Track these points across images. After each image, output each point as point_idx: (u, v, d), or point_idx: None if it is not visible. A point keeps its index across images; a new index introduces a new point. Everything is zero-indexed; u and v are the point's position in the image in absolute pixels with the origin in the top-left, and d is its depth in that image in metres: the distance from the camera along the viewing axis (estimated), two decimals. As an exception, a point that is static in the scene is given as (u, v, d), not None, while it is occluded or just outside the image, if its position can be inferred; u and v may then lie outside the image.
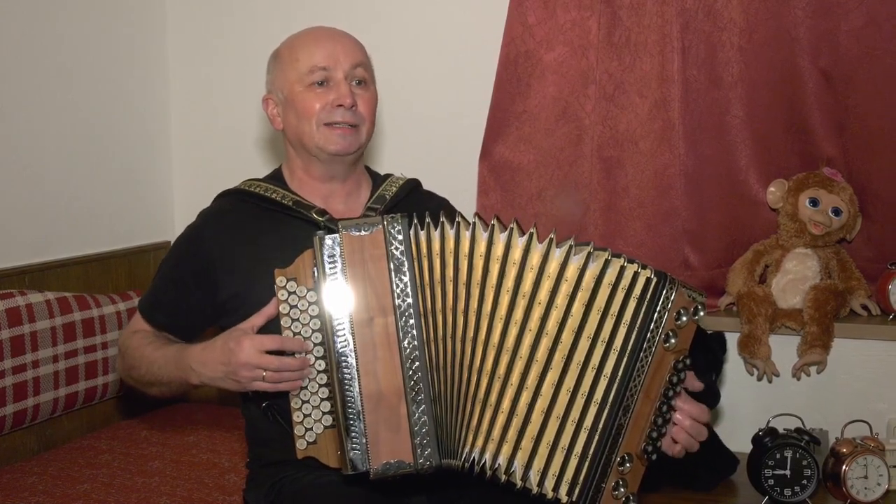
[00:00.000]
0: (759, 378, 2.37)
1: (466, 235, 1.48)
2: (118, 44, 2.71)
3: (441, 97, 2.64)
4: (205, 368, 1.55)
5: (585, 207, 2.44)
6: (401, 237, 1.47)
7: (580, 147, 2.44)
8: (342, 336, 1.45)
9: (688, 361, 1.48)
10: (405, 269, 1.46)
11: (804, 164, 2.36)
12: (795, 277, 2.32)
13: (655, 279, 1.44)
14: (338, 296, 1.46)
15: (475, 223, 1.49)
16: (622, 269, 1.45)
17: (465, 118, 2.59)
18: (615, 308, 1.44)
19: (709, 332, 2.23)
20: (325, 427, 1.49)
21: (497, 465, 1.46)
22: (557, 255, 1.46)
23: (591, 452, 1.44)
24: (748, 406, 2.41)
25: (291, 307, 1.49)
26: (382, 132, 2.67)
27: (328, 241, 1.47)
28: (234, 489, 2.06)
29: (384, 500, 1.54)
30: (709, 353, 2.20)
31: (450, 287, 1.48)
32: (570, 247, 1.47)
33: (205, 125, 2.90)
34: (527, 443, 1.46)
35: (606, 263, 1.45)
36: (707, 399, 2.10)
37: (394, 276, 1.46)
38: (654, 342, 1.44)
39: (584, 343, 1.45)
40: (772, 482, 2.04)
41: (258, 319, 1.54)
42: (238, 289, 1.69)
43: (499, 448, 1.46)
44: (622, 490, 1.46)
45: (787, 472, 2.04)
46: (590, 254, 1.46)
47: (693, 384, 1.53)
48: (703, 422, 1.54)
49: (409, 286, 1.46)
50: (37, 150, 2.45)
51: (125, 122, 2.75)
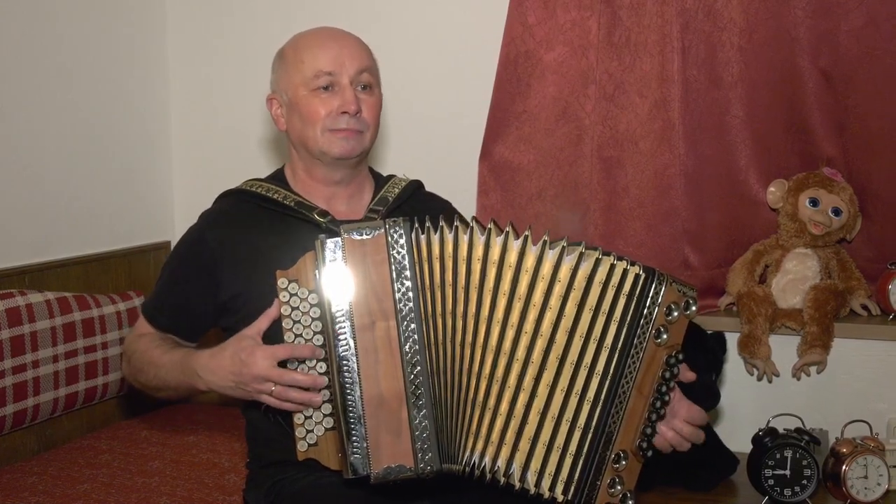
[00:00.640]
0: (759, 378, 2.37)
1: (465, 239, 1.49)
2: (118, 44, 2.71)
3: (441, 97, 2.64)
4: (213, 377, 1.54)
5: (585, 208, 2.44)
6: (402, 241, 1.47)
7: (580, 147, 2.44)
8: (343, 339, 1.45)
9: (680, 357, 1.48)
10: (407, 274, 1.46)
11: (804, 164, 2.37)
12: (795, 277, 2.32)
13: (644, 275, 1.44)
14: (339, 299, 1.45)
15: (473, 227, 1.49)
16: (612, 267, 1.45)
17: (465, 118, 2.59)
18: (606, 306, 1.45)
19: (709, 332, 2.24)
20: (326, 429, 1.49)
21: (496, 468, 1.46)
22: (550, 257, 1.47)
23: (585, 451, 1.44)
24: (748, 406, 2.41)
25: (293, 309, 1.49)
26: (382, 132, 2.67)
27: (330, 244, 1.47)
28: (234, 489, 2.06)
29: (385, 502, 1.54)
30: (709, 353, 2.20)
31: (449, 291, 1.48)
32: (563, 248, 1.47)
33: (205, 125, 2.90)
34: (524, 444, 1.46)
35: (597, 262, 1.46)
36: (707, 399, 2.11)
37: (395, 280, 1.46)
38: (645, 338, 1.44)
39: (577, 342, 1.45)
40: (772, 482, 2.04)
41: (263, 323, 1.53)
42: (240, 289, 1.68)
43: (497, 451, 1.47)
44: (619, 488, 1.46)
45: (787, 472, 2.04)
46: (581, 253, 1.46)
47: (685, 375, 1.53)
48: (700, 424, 1.55)
49: (411, 290, 1.46)
50: (37, 150, 2.44)
51: (125, 122, 2.75)
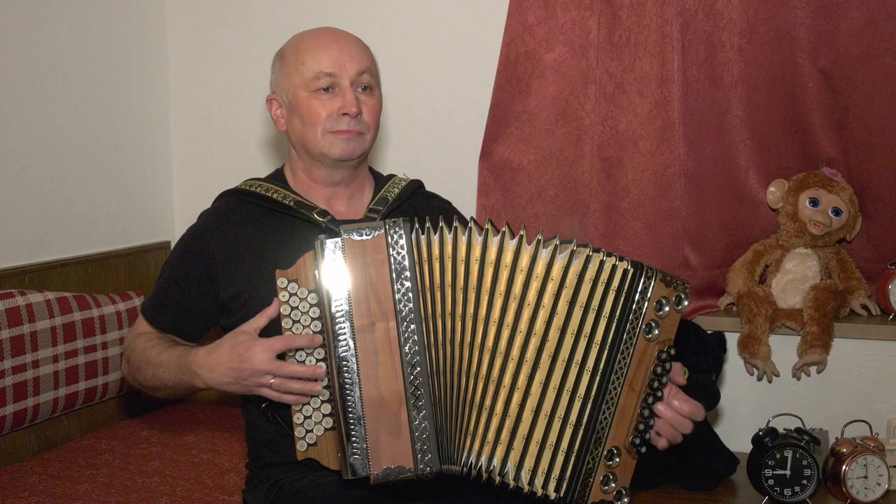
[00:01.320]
0: (759, 378, 2.37)
1: (463, 240, 1.49)
2: (118, 44, 2.71)
3: (441, 97, 2.64)
4: (211, 373, 1.54)
5: (585, 208, 2.44)
6: (402, 242, 1.47)
7: (580, 147, 2.44)
8: (343, 340, 1.45)
9: (672, 352, 1.48)
10: (407, 274, 1.46)
11: (804, 164, 2.37)
12: (795, 277, 2.32)
13: (632, 270, 1.44)
14: (339, 299, 1.45)
15: (471, 228, 1.49)
16: (601, 264, 1.46)
17: (465, 118, 2.59)
18: (595, 302, 1.45)
19: (709, 332, 2.24)
20: (326, 429, 1.49)
21: (492, 467, 1.46)
22: (544, 256, 1.47)
23: (577, 447, 1.44)
24: (748, 406, 2.41)
25: (293, 308, 1.49)
26: (382, 132, 2.67)
27: (329, 244, 1.47)
28: (234, 489, 2.06)
29: (384, 503, 1.54)
30: (709, 353, 2.21)
31: (448, 292, 1.48)
32: (556, 246, 1.47)
33: (205, 125, 2.90)
34: (518, 442, 1.46)
35: (588, 259, 1.46)
36: (707, 399, 2.11)
37: (395, 281, 1.46)
38: (635, 334, 1.44)
39: (569, 340, 1.46)
40: (772, 482, 2.04)
41: (261, 321, 1.53)
42: (240, 289, 1.68)
43: (493, 450, 1.47)
44: (612, 485, 1.46)
45: (787, 472, 2.04)
46: (573, 251, 1.47)
47: (677, 379, 1.52)
48: (698, 419, 1.54)
49: (411, 291, 1.46)
50: (37, 151, 2.44)
51: (125, 123, 2.75)
